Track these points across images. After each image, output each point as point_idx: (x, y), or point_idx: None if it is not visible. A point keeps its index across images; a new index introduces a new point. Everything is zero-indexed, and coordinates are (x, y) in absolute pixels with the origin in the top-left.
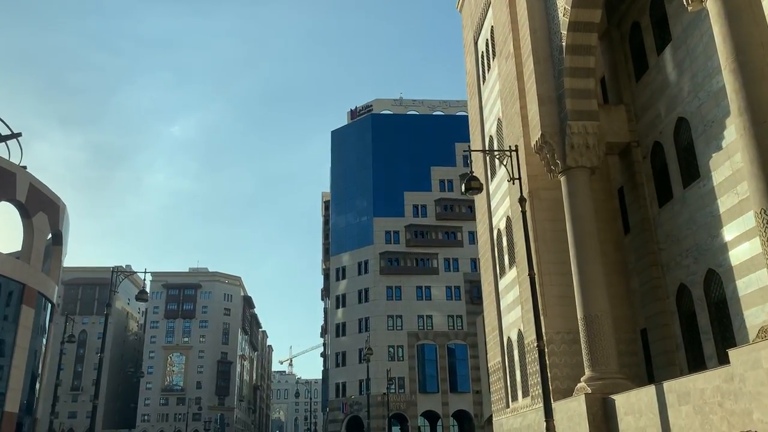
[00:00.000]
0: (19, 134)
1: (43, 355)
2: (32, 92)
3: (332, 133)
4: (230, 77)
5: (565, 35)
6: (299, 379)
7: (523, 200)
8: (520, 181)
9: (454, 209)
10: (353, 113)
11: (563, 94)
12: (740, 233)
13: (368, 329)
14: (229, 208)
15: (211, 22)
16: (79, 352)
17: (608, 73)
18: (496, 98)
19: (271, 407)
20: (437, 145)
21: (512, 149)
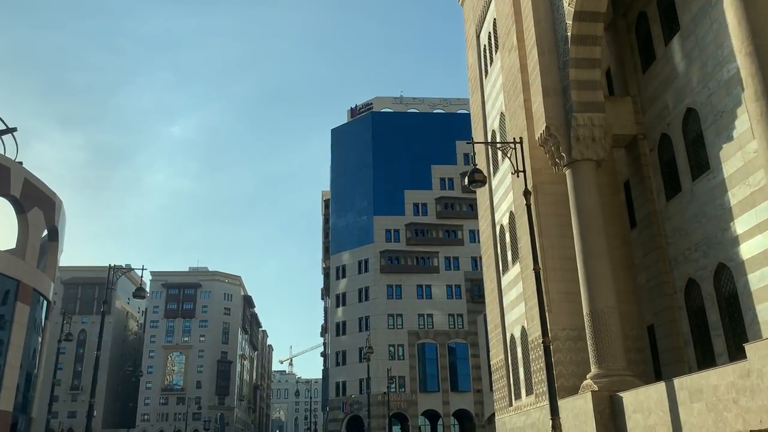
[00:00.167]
0: (14, 129)
1: (39, 353)
2: (32, 92)
3: (332, 131)
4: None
5: (570, 25)
6: (299, 378)
7: (528, 193)
8: (524, 173)
9: (454, 207)
10: (353, 111)
11: (568, 85)
12: (752, 225)
13: (368, 328)
14: (229, 208)
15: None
16: (78, 351)
17: (614, 64)
18: (498, 92)
19: (271, 407)
20: (438, 143)
21: (517, 141)
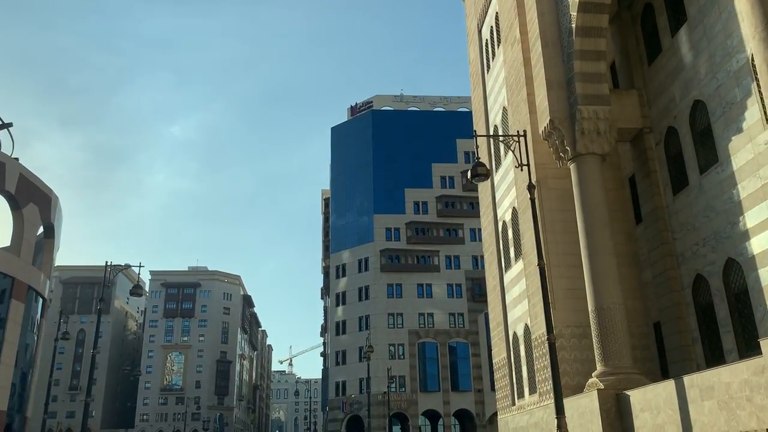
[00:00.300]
0: (9, 124)
1: (34, 352)
2: (32, 92)
3: (332, 129)
4: (230, 77)
5: (574, 17)
6: (299, 378)
7: (532, 187)
8: (528, 166)
9: (455, 206)
10: (353, 109)
11: (573, 77)
12: (763, 219)
13: (368, 327)
14: (228, 208)
15: (211, 22)
16: (77, 351)
17: (619, 57)
18: (501, 86)
19: (270, 407)
20: (438, 141)
21: (520, 134)
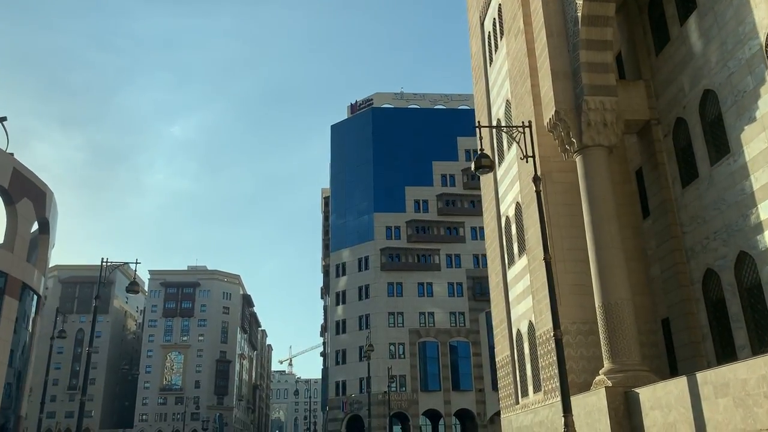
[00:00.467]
0: (4, 118)
1: (29, 350)
2: (32, 92)
3: (332, 127)
4: (230, 77)
5: (580, 5)
6: (299, 378)
7: (537, 179)
8: (534, 158)
9: (456, 204)
10: (353, 107)
11: (579, 68)
12: None
13: (369, 326)
14: (228, 208)
15: (211, 22)
16: (76, 351)
17: (625, 47)
18: (504, 79)
19: (270, 407)
20: (439, 139)
21: (525, 125)
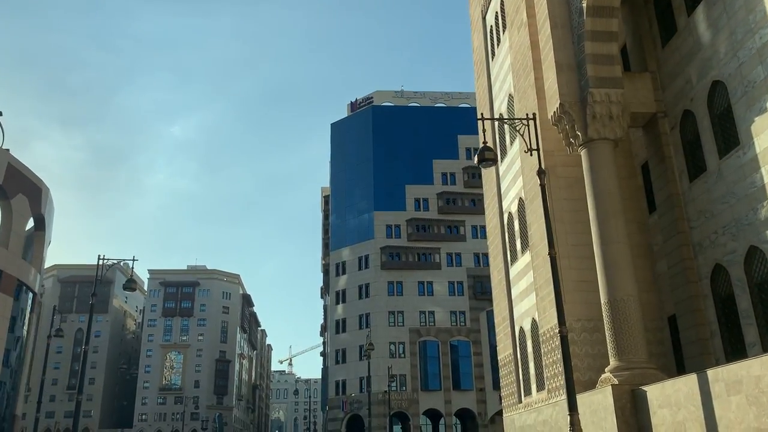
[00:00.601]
0: None
1: (24, 348)
2: (32, 92)
3: (332, 125)
4: (230, 77)
5: None
6: (299, 378)
7: (542, 172)
8: (539, 151)
9: (456, 203)
10: (353, 105)
11: (584, 59)
12: None
13: (369, 325)
14: (228, 208)
15: (211, 22)
16: (75, 350)
17: (630, 40)
18: (507, 73)
19: (270, 407)
20: (439, 137)
21: (530, 117)
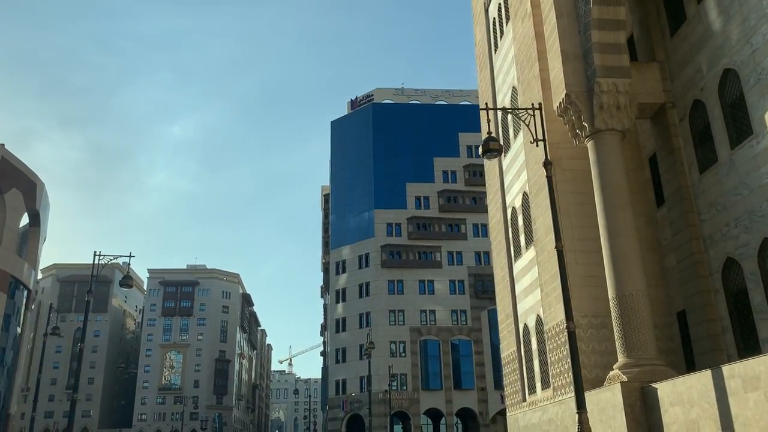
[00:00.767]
0: None
1: (18, 345)
2: (32, 92)
3: (332, 123)
4: (230, 77)
5: None
6: (299, 378)
7: (548, 163)
8: (545, 141)
9: (457, 201)
10: (354, 103)
11: (590, 48)
12: None
13: (369, 324)
14: (228, 208)
15: (211, 22)
16: (75, 350)
17: (637, 30)
18: (510, 65)
19: (270, 407)
20: (440, 135)
21: (535, 107)
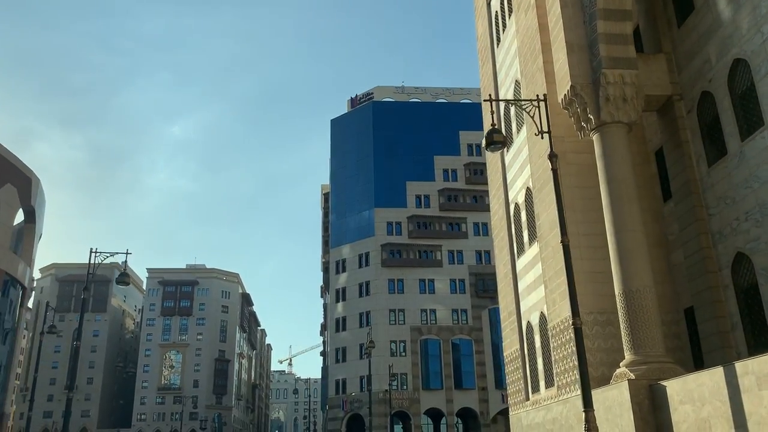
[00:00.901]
0: None
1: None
2: (32, 92)
3: (332, 121)
4: (230, 77)
5: None
6: (298, 378)
7: (553, 155)
8: (549, 134)
9: (458, 200)
10: (353, 101)
11: (596, 39)
12: None
13: (369, 324)
14: (228, 208)
15: (211, 22)
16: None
17: (643, 21)
18: (513, 58)
19: (270, 407)
20: (441, 133)
21: (540, 98)
